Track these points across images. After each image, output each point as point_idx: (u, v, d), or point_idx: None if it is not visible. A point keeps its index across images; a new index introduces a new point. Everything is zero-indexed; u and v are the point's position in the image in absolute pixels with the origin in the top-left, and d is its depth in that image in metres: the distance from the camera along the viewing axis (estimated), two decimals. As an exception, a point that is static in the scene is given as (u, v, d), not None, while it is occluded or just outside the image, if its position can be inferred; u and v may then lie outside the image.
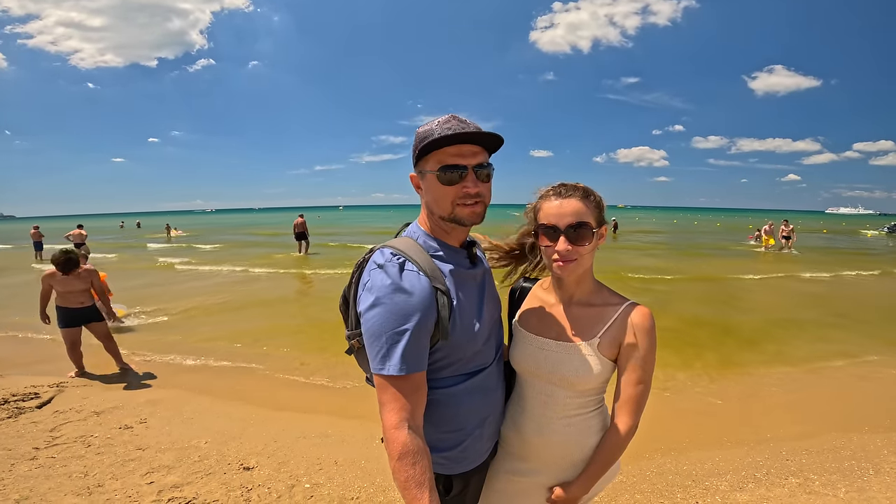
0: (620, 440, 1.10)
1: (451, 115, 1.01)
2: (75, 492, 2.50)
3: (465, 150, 0.99)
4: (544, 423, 1.15)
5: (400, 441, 0.89)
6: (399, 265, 0.96)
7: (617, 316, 1.09)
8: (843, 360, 4.93)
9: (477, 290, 1.09)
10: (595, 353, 1.09)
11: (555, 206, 1.07)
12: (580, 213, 1.05)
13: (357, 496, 2.53)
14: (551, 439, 1.14)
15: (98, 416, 3.53)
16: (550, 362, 1.13)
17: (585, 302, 1.14)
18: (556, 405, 1.13)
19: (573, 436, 1.14)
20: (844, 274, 11.34)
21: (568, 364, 1.10)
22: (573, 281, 1.14)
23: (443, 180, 0.99)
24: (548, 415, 1.14)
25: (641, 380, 1.08)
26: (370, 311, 0.93)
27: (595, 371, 1.09)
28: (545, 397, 1.15)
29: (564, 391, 1.12)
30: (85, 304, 4.53)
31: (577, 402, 1.13)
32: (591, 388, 1.12)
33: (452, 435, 1.07)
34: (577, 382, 1.10)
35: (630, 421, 1.09)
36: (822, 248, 18.88)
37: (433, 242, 1.05)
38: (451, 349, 1.02)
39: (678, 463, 2.89)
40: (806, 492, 2.57)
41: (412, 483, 0.87)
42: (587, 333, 1.11)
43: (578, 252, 1.06)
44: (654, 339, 1.08)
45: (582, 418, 1.14)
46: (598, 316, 1.11)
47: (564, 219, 1.05)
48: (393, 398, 0.92)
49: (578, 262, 1.07)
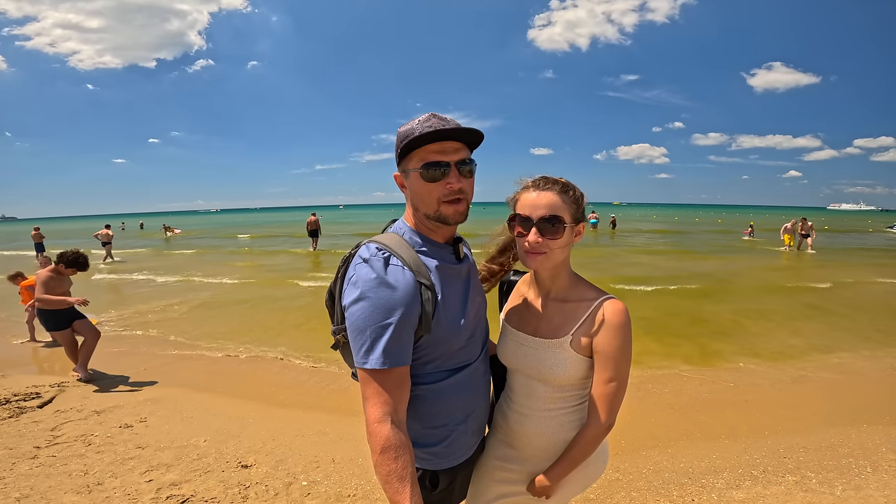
0: (592, 437, 1.10)
1: (430, 114, 1.01)
2: (75, 490, 2.52)
3: (447, 147, 0.99)
4: (527, 415, 1.17)
5: (382, 435, 0.89)
6: (384, 260, 0.97)
7: (590, 312, 1.08)
8: (841, 356, 4.92)
9: (462, 286, 1.10)
10: (568, 350, 1.09)
11: (531, 198, 1.07)
12: (555, 206, 1.05)
13: (354, 493, 2.55)
14: (531, 430, 1.16)
15: (98, 416, 3.55)
16: (528, 358, 1.14)
17: (562, 297, 1.14)
18: (537, 398, 1.15)
19: (552, 429, 1.15)
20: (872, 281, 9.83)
21: (543, 360, 1.11)
22: (548, 276, 1.15)
23: (426, 177, 0.99)
24: (530, 406, 1.16)
25: (614, 377, 1.06)
26: (354, 305, 0.94)
27: (568, 368, 1.09)
28: (528, 390, 1.16)
29: (543, 386, 1.13)
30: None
31: (556, 396, 1.14)
32: (568, 384, 1.12)
33: (437, 430, 1.08)
34: (551, 378, 1.11)
35: (602, 418, 1.08)
36: (848, 250, 16.98)
37: (418, 238, 1.06)
38: (436, 344, 1.02)
39: (675, 460, 2.89)
40: (803, 489, 2.57)
41: (394, 477, 0.87)
42: (561, 330, 1.11)
43: (549, 245, 1.06)
44: (628, 335, 1.06)
45: (562, 412, 1.15)
46: (573, 312, 1.11)
47: (538, 210, 1.05)
48: (376, 392, 0.92)
49: (548, 255, 1.07)
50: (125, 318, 7.05)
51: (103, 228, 15.46)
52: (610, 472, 2.74)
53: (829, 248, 17.32)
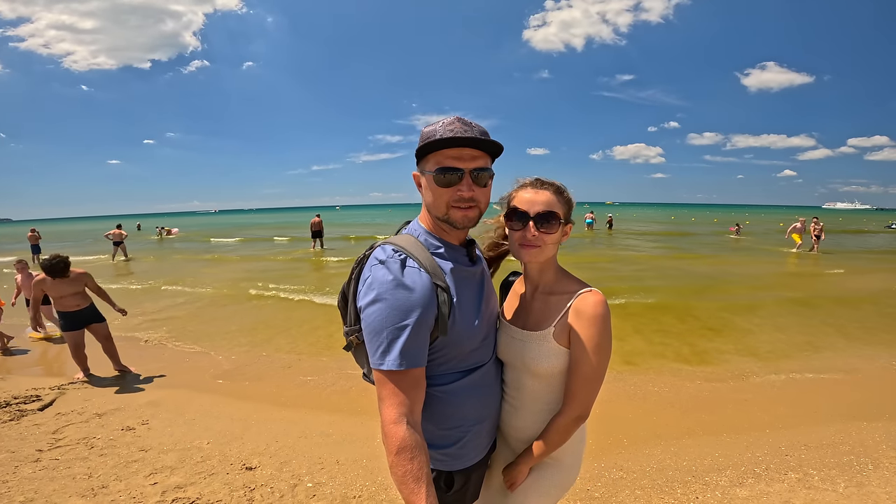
0: (564, 424, 1.13)
1: (456, 117, 1.02)
2: (80, 493, 2.51)
3: (465, 154, 0.99)
4: (518, 407, 1.20)
5: (398, 436, 0.90)
6: (401, 262, 0.97)
7: (570, 303, 1.12)
8: (839, 355, 4.96)
9: (476, 288, 1.11)
10: (551, 342, 1.13)
11: (529, 194, 1.14)
12: (551, 203, 1.12)
13: (359, 494, 2.55)
14: (520, 423, 1.21)
15: (100, 418, 3.54)
16: (517, 349, 1.17)
17: (548, 291, 1.19)
18: (526, 390, 1.18)
19: (538, 423, 1.18)
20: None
21: (528, 351, 1.15)
22: (536, 270, 1.20)
23: (439, 182, 1.00)
24: (520, 398, 1.20)
25: (588, 366, 1.08)
26: (371, 307, 0.94)
27: (551, 359, 1.12)
28: (517, 382, 1.20)
29: (530, 377, 1.17)
30: (81, 306, 4.53)
31: (542, 388, 1.17)
32: (551, 375, 1.14)
33: (452, 432, 1.08)
34: (536, 369, 1.14)
35: (575, 407, 1.11)
36: (860, 252, 16.13)
37: (434, 240, 1.07)
38: (450, 346, 1.03)
39: (678, 458, 2.91)
40: (805, 487, 2.59)
41: (410, 478, 0.88)
42: (545, 322, 1.15)
43: (543, 240, 1.11)
44: (605, 326, 1.08)
45: (547, 405, 1.18)
46: (556, 304, 1.15)
47: (536, 206, 1.11)
48: (392, 393, 0.93)
49: (542, 249, 1.13)
50: (125, 320, 7.00)
51: (115, 229, 15.88)
52: (614, 471, 2.76)
53: (839, 248, 16.87)
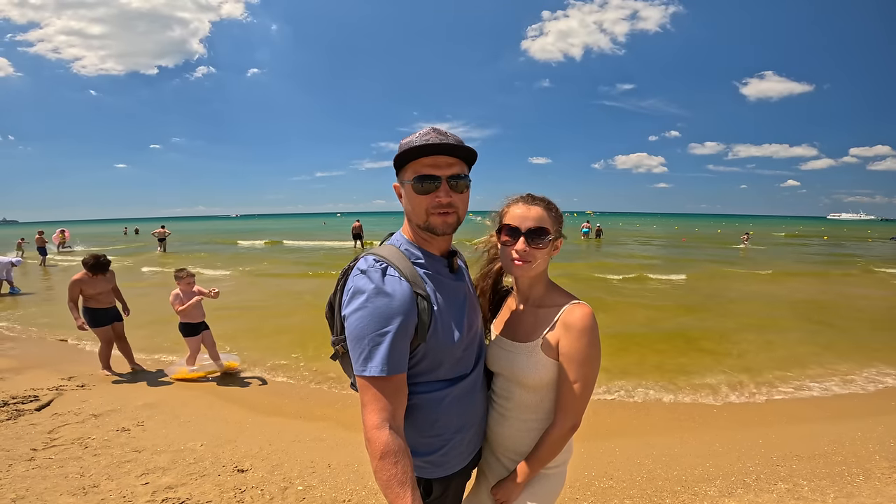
0: (556, 437, 1.14)
1: (431, 128, 1.05)
2: (71, 492, 2.53)
3: (441, 161, 1.02)
4: (505, 416, 1.21)
5: (382, 441, 0.91)
6: (381, 270, 0.99)
7: (558, 316, 1.14)
8: (836, 367, 4.94)
9: (457, 298, 1.12)
10: (539, 353, 1.14)
11: (521, 209, 1.16)
12: (542, 219, 1.14)
13: (349, 499, 2.56)
14: (506, 431, 1.21)
15: (96, 419, 3.57)
16: (506, 360, 1.19)
17: (538, 304, 1.21)
18: (514, 401, 1.19)
19: (523, 432, 1.19)
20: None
21: (517, 363, 1.16)
22: (527, 284, 1.22)
23: (417, 190, 1.02)
24: (508, 408, 1.21)
25: (578, 378, 1.10)
26: (353, 315, 0.97)
27: (539, 370, 1.14)
28: (507, 392, 1.21)
29: (519, 388, 1.18)
30: (112, 304, 4.74)
31: (531, 399, 1.18)
32: (539, 386, 1.16)
33: (433, 440, 1.09)
34: (524, 381, 1.16)
35: (566, 419, 1.13)
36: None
37: (415, 250, 1.09)
38: (431, 354, 1.04)
39: (668, 468, 2.91)
40: (794, 497, 2.58)
41: (394, 482, 0.89)
42: (533, 334, 1.17)
43: (534, 255, 1.13)
44: (593, 338, 1.10)
45: (535, 415, 1.18)
46: (545, 317, 1.17)
47: (527, 222, 1.13)
48: (374, 399, 0.94)
49: (532, 264, 1.14)
50: (127, 320, 7.05)
51: (160, 228, 20.27)
52: (604, 480, 2.76)
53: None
